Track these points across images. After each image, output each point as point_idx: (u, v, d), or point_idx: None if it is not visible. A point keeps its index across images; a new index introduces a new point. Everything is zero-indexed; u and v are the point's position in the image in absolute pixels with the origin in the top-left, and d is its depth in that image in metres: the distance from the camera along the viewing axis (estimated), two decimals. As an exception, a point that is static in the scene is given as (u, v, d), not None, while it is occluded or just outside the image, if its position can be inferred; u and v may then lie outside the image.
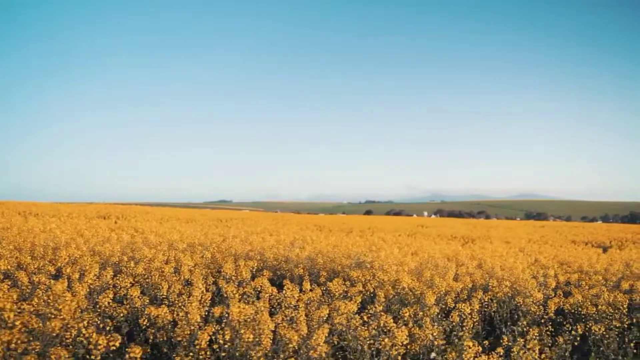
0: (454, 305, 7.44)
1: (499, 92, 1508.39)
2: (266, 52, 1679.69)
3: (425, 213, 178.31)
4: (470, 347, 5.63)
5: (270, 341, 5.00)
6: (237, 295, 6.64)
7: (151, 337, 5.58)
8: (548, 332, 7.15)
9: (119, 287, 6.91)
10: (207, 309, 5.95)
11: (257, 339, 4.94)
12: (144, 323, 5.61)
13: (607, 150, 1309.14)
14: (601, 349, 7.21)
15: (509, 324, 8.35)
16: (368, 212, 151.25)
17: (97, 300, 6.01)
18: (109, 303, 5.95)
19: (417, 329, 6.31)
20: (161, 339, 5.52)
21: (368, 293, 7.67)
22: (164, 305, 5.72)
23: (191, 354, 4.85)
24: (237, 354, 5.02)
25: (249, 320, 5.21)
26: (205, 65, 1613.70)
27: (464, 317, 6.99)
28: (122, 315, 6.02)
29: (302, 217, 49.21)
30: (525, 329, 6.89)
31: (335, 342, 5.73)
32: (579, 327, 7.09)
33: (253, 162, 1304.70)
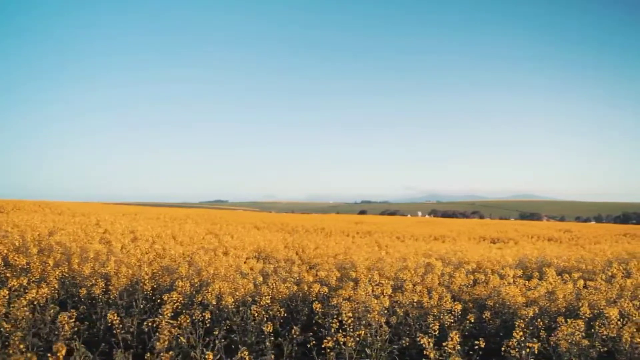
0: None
1: (496, 93, 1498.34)
2: (264, 54, 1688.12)
3: (420, 213, 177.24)
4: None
5: None
6: None
7: None
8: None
9: None
10: None
11: None
12: None
13: (602, 151, 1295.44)
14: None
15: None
16: (362, 212, 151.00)
17: None
18: None
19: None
20: None
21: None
22: None
23: None
24: None
25: None
26: (202, 67, 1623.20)
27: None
28: None
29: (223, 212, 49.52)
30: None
31: None
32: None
33: (250, 162, 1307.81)
